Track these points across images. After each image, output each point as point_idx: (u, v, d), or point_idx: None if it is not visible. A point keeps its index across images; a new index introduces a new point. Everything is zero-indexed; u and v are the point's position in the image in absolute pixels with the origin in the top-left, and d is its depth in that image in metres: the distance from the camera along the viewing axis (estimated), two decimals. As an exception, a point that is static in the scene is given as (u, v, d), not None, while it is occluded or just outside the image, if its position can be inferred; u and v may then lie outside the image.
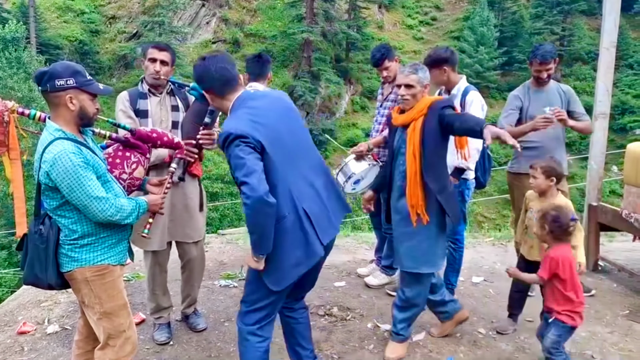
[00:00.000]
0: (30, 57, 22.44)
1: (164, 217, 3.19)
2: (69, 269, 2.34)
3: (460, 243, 3.87)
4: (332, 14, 31.89)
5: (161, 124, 3.23)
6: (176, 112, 3.31)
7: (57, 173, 2.18)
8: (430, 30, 38.13)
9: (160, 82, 3.24)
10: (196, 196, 3.40)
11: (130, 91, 3.28)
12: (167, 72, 3.24)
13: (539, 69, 3.89)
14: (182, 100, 3.35)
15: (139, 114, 3.20)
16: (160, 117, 3.26)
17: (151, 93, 3.27)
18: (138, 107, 3.20)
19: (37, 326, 3.71)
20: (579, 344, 3.38)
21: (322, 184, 2.48)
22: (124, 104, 3.20)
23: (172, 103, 3.32)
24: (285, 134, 2.37)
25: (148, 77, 3.24)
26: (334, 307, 3.96)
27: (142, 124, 3.17)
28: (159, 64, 3.20)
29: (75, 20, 30.25)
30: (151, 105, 3.24)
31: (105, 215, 2.28)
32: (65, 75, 2.24)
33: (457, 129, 2.80)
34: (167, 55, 3.23)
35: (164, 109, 3.28)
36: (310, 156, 2.52)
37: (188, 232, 3.36)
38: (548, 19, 34.51)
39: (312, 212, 2.36)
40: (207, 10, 32.96)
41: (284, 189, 2.30)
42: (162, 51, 3.23)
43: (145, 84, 3.27)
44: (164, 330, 3.43)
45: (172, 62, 3.29)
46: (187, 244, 3.43)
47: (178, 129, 3.24)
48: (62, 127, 2.29)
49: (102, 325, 2.42)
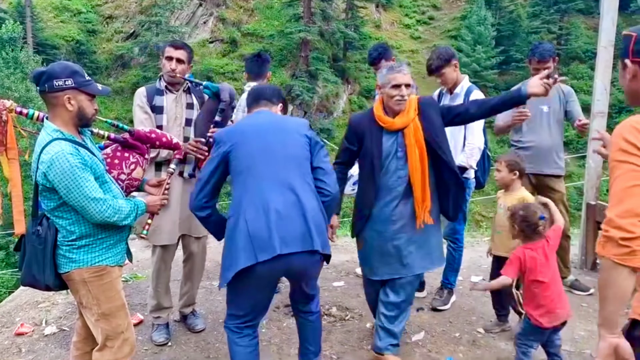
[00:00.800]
0: (27, 57, 22.43)
1: (176, 212, 3.27)
2: (66, 270, 2.33)
3: (459, 242, 3.87)
4: (330, 13, 31.88)
5: (175, 121, 3.30)
6: (191, 109, 3.35)
7: (55, 174, 2.17)
8: (427, 29, 38.14)
9: (177, 79, 3.29)
10: None
11: (147, 87, 3.35)
12: (183, 70, 3.29)
13: (538, 67, 3.90)
14: (198, 98, 3.39)
15: (155, 109, 3.27)
16: (175, 113, 3.31)
17: (168, 90, 3.32)
18: (154, 103, 3.27)
19: (35, 327, 3.70)
20: (578, 343, 3.38)
21: (282, 204, 2.39)
22: (141, 99, 3.27)
23: (188, 101, 3.36)
24: (259, 150, 2.47)
25: (165, 74, 3.30)
26: (332, 307, 3.95)
27: (157, 119, 3.25)
28: (174, 62, 3.25)
29: (72, 20, 30.20)
30: (167, 101, 3.30)
31: (103, 216, 2.27)
32: (63, 76, 2.23)
33: (495, 105, 2.91)
34: (184, 53, 3.28)
35: (179, 106, 3.33)
36: (281, 176, 2.45)
37: (193, 226, 3.40)
38: (545, 17, 34.56)
39: (252, 226, 2.36)
40: (204, 9, 32.93)
41: (237, 196, 2.47)
42: (178, 49, 3.28)
43: (163, 81, 3.33)
44: (162, 331, 3.43)
45: (189, 60, 3.35)
46: (190, 238, 3.48)
47: (191, 126, 3.30)
48: (60, 127, 2.28)
49: (100, 326, 2.41)
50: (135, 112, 3.30)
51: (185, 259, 3.59)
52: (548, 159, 4.03)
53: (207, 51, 31.25)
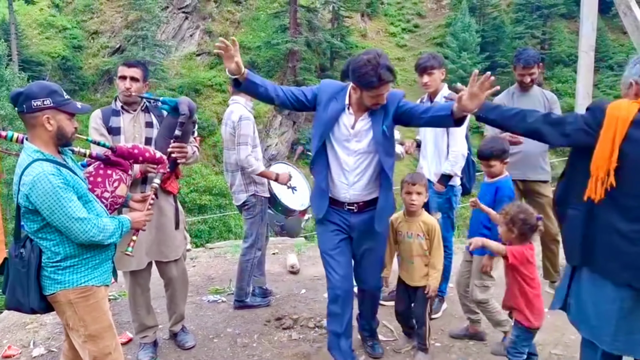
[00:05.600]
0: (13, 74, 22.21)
1: (144, 235, 3.11)
2: (52, 292, 2.30)
3: (449, 250, 3.87)
4: (316, 23, 32.05)
5: (134, 141, 3.19)
6: (150, 128, 3.28)
7: (37, 195, 2.15)
8: (413, 37, 38.44)
9: (133, 98, 3.23)
10: (171, 213, 3.33)
11: (103, 109, 3.28)
12: (138, 88, 3.22)
13: (522, 73, 3.93)
14: (157, 117, 3.31)
15: (112, 131, 3.19)
16: (133, 133, 3.24)
17: (124, 110, 3.26)
18: (110, 124, 3.20)
19: (23, 349, 3.64)
20: (569, 348, 3.38)
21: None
22: (97, 122, 3.20)
23: (147, 120, 3.29)
24: None
25: (120, 94, 3.25)
26: (323, 319, 3.92)
27: (114, 141, 3.13)
28: (128, 81, 3.19)
29: (58, 37, 30.04)
30: (124, 122, 3.23)
31: (88, 236, 2.24)
32: (41, 96, 2.21)
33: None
34: (137, 71, 3.22)
35: (137, 125, 3.26)
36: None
37: (163, 251, 3.31)
38: (528, 23, 35.03)
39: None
40: (190, 22, 32.94)
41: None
42: (132, 67, 3.22)
43: (119, 102, 3.27)
44: (148, 350, 3.38)
45: (144, 78, 3.28)
46: (165, 263, 3.38)
47: (152, 145, 3.19)
48: (40, 148, 2.25)
49: (87, 348, 2.37)
50: (91, 134, 3.15)
51: (166, 284, 3.49)
52: (535, 165, 4.05)
53: (195, 64, 31.25)
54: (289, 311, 4.06)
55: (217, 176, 22.84)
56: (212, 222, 20.50)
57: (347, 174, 2.90)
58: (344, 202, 2.96)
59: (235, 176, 3.92)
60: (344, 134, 2.86)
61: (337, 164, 2.91)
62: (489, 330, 3.49)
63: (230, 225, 20.44)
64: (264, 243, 4.18)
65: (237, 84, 2.67)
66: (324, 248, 3.06)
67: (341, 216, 3.00)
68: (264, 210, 4.01)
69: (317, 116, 2.91)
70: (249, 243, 4.00)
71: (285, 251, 5.73)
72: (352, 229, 3.01)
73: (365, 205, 2.96)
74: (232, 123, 3.80)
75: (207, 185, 22.41)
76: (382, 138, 2.81)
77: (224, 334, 3.74)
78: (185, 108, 3.10)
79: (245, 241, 4.04)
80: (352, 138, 2.85)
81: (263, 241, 4.13)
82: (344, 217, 2.99)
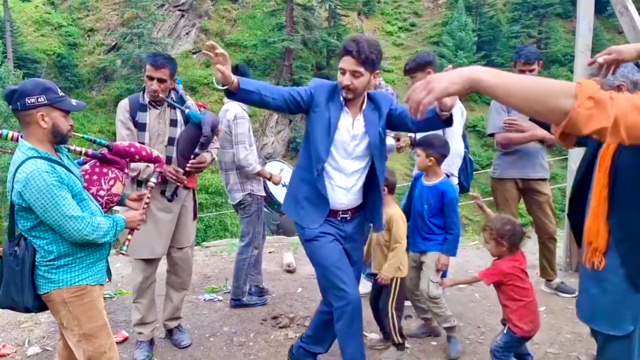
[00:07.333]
0: (8, 72, 22.12)
1: (159, 227, 3.26)
2: (46, 291, 2.29)
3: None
4: (312, 22, 32.06)
5: (158, 138, 3.25)
6: (174, 127, 3.28)
7: (31, 193, 2.14)
8: (409, 36, 38.48)
9: (160, 99, 3.24)
10: (190, 205, 3.47)
11: (131, 100, 3.28)
12: (166, 87, 3.22)
13: (523, 69, 3.90)
14: (182, 113, 3.32)
15: (137, 126, 3.21)
16: (157, 130, 3.26)
17: (151, 105, 3.26)
18: (137, 119, 3.22)
19: (17, 348, 3.61)
20: (564, 346, 3.39)
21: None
22: (124, 114, 3.22)
23: (172, 117, 3.29)
24: None
25: (147, 93, 3.23)
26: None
27: (139, 136, 3.20)
28: (156, 83, 3.16)
29: (53, 34, 29.93)
30: (150, 118, 3.24)
31: (82, 234, 2.23)
32: (35, 93, 2.20)
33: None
34: (165, 72, 3.17)
35: (162, 122, 3.28)
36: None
37: (179, 239, 3.41)
38: (525, 22, 35.17)
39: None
40: (186, 20, 32.87)
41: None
42: (159, 70, 3.14)
43: (146, 96, 3.26)
44: (144, 349, 3.36)
45: (172, 75, 3.25)
46: (173, 248, 3.45)
47: (174, 145, 3.25)
48: (35, 145, 2.24)
49: (81, 347, 2.36)
50: (117, 126, 3.25)
51: (168, 270, 3.54)
52: (534, 163, 4.05)
53: (191, 62, 31.17)
54: (286, 310, 4.05)
55: (212, 175, 22.75)
56: (208, 220, 20.47)
57: (346, 178, 2.77)
58: (338, 210, 2.81)
59: (230, 175, 3.92)
60: (344, 137, 2.73)
61: (336, 168, 2.76)
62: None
63: (227, 224, 20.43)
64: (260, 242, 4.17)
65: (230, 94, 2.47)
66: (328, 262, 2.74)
67: (336, 227, 2.82)
68: (260, 208, 4.01)
69: (314, 118, 2.72)
70: (246, 242, 4.00)
71: (282, 250, 5.72)
72: (347, 239, 2.86)
73: (355, 211, 2.87)
74: (227, 122, 3.79)
75: (202, 183, 22.35)
76: (378, 141, 2.75)
77: (220, 333, 3.73)
78: (208, 129, 3.10)
79: (242, 240, 4.04)
80: (351, 141, 2.73)
81: (259, 240, 4.12)
82: (339, 227, 2.82)
